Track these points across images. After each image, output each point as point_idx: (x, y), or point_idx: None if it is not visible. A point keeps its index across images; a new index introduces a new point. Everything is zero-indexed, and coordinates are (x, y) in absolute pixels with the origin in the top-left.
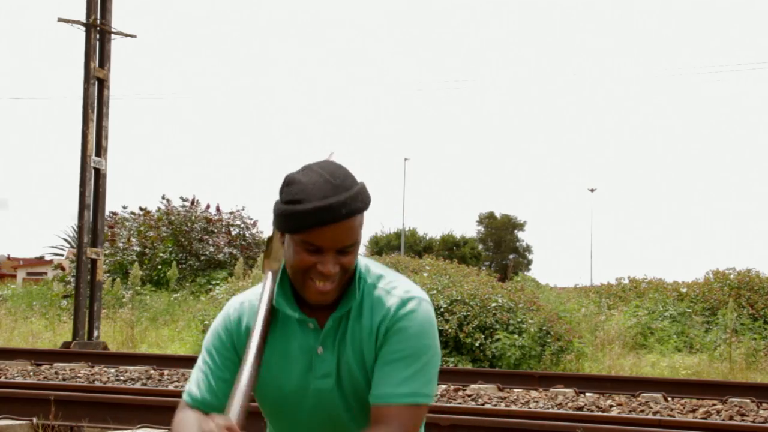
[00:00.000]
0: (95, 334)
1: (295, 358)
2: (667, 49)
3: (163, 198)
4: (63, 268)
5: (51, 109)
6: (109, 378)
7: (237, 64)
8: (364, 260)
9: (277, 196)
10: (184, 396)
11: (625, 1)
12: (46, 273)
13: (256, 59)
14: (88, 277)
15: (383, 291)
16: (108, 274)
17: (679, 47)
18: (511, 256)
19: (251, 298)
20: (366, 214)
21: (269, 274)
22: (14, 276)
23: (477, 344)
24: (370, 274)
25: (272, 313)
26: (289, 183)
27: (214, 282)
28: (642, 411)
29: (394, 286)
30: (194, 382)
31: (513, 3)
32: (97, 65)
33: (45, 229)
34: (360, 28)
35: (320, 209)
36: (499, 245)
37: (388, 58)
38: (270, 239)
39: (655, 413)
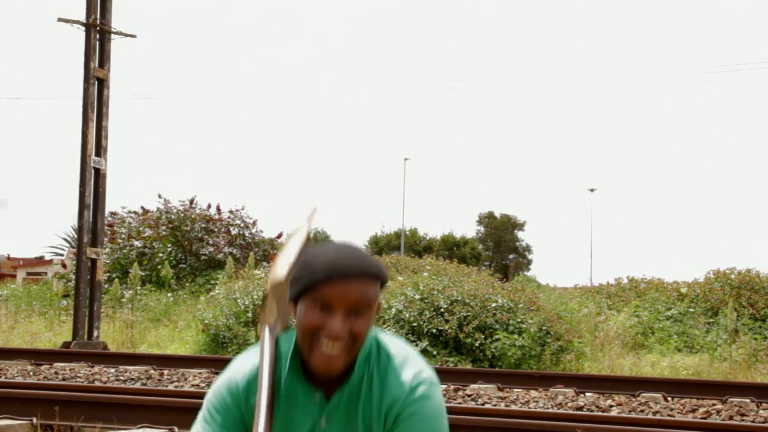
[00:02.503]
0: (95, 334)
1: (298, 428)
2: (667, 49)
3: (159, 197)
4: (65, 266)
5: (51, 109)
6: (109, 378)
7: (237, 63)
8: (375, 333)
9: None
10: None
11: (625, 1)
12: (46, 273)
13: (256, 59)
14: (88, 276)
15: (394, 371)
16: (108, 274)
17: (679, 47)
18: (511, 256)
19: (256, 364)
20: (381, 296)
21: (266, 333)
22: (14, 276)
23: (477, 344)
24: (381, 350)
25: (275, 382)
26: (306, 253)
27: (213, 282)
28: (642, 411)
29: (405, 366)
30: None
31: (513, 3)
32: (97, 65)
33: (45, 229)
34: (360, 28)
35: (332, 261)
36: (499, 245)
37: (388, 58)
38: (265, 296)
39: (655, 413)
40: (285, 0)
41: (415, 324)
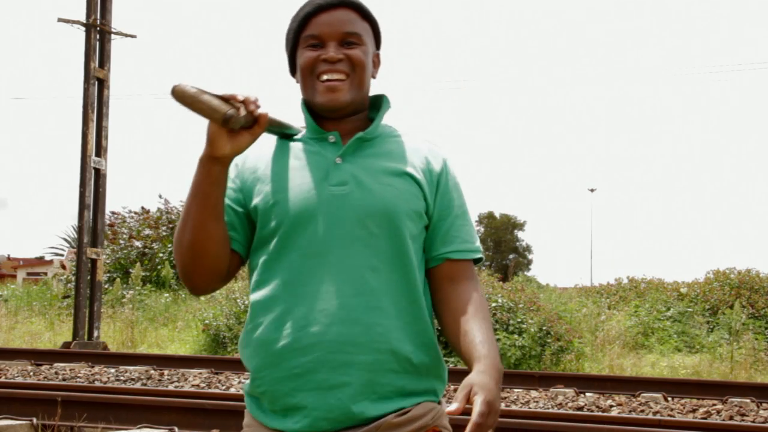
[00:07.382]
0: (95, 334)
1: (310, 171)
2: (667, 50)
3: (160, 197)
4: (64, 267)
5: (51, 109)
6: (109, 378)
7: (237, 63)
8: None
9: None
10: None
11: (625, 2)
12: (46, 273)
13: (256, 59)
14: (88, 277)
15: (420, 136)
16: (108, 274)
17: (679, 47)
18: (511, 256)
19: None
20: (377, 49)
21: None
22: (14, 276)
23: None
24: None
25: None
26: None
27: None
28: (642, 411)
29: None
30: None
31: (513, 3)
32: (97, 65)
33: (45, 229)
34: None
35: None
36: (499, 245)
37: (389, 59)
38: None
39: (655, 413)
40: (286, 0)
41: None
